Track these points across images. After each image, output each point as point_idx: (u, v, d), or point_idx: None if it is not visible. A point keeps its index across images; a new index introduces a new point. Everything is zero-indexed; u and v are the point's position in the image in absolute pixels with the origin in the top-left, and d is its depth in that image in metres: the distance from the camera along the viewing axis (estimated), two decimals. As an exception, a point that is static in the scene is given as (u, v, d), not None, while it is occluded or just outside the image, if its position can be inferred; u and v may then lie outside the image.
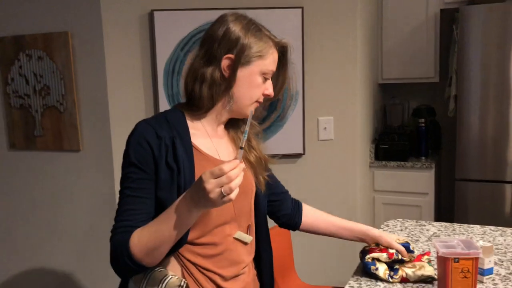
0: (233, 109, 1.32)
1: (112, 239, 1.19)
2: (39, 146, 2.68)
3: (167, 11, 2.52)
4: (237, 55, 1.26)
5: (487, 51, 2.86)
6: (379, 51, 3.41)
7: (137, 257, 1.14)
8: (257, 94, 1.31)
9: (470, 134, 2.96)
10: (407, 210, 3.22)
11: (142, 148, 1.22)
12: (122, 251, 1.15)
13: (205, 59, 1.28)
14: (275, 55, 1.32)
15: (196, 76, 1.27)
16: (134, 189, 1.21)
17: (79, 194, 2.68)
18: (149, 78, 2.60)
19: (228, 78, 1.27)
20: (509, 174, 2.90)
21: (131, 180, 1.22)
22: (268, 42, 1.30)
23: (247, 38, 1.27)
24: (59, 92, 2.59)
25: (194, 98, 1.29)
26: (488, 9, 2.84)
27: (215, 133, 1.35)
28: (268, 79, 1.33)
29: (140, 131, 1.24)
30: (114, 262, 1.18)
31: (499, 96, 2.86)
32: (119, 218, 1.21)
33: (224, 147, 1.36)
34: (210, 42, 1.28)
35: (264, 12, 2.57)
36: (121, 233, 1.17)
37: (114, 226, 1.20)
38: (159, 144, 1.22)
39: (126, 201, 1.21)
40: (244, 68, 1.27)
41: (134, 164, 1.21)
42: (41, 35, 2.57)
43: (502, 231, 1.88)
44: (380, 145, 3.29)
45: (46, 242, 2.78)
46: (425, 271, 1.46)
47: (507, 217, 2.94)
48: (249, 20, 1.32)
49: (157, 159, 1.21)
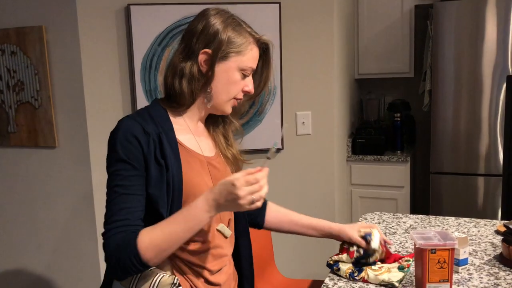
0: (212, 105, 1.31)
1: (110, 239, 1.14)
2: (13, 142, 2.63)
3: (144, 5, 2.50)
4: (214, 50, 1.25)
5: (460, 46, 2.92)
6: (355, 47, 3.45)
7: (146, 257, 1.12)
8: (235, 91, 1.30)
9: (444, 128, 3.02)
10: (384, 203, 3.28)
11: (130, 144, 1.18)
12: (128, 251, 1.11)
13: (184, 54, 1.27)
14: (254, 52, 1.31)
15: (175, 71, 1.27)
16: (126, 187, 1.17)
17: (55, 191, 2.63)
18: (126, 73, 2.57)
19: (205, 74, 1.26)
20: (481, 167, 2.98)
21: (122, 177, 1.18)
22: (248, 38, 1.29)
23: (225, 33, 1.25)
24: (34, 88, 2.54)
25: (175, 94, 1.28)
26: (461, 5, 2.90)
27: (196, 129, 1.35)
28: (247, 76, 1.32)
29: (126, 127, 1.20)
30: (114, 261, 1.13)
31: (471, 90, 2.93)
32: (114, 217, 1.15)
33: (205, 143, 1.37)
34: (190, 36, 1.28)
35: (242, 7, 2.56)
36: (121, 233, 1.14)
37: (110, 226, 1.15)
38: (147, 140, 1.20)
39: (120, 199, 1.17)
40: (221, 63, 1.26)
41: (123, 161, 1.18)
42: (14, 29, 2.52)
43: (476, 222, 1.93)
44: (357, 139, 3.33)
45: (21, 240, 2.73)
46: (390, 276, 1.43)
47: (479, 208, 3.02)
48: (230, 15, 1.31)
49: (147, 155, 1.19)
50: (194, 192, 1.23)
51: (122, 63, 2.56)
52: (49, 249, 2.70)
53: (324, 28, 2.76)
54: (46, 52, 2.49)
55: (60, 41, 2.49)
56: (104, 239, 1.15)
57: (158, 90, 2.57)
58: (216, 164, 1.35)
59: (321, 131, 2.84)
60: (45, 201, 2.66)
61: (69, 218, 2.64)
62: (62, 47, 2.50)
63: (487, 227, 1.87)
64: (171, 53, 2.54)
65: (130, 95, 2.58)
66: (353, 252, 1.51)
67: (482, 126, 2.94)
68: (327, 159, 2.87)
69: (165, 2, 2.52)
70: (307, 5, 2.72)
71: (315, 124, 2.82)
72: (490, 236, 1.76)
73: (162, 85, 1.33)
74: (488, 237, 1.75)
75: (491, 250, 1.63)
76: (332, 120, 2.85)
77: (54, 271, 2.72)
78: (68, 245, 2.67)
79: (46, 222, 2.68)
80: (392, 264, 1.51)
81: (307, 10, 2.73)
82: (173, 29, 2.53)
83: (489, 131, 2.92)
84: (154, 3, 2.51)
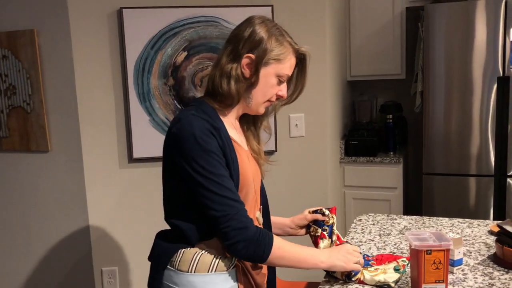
0: (249, 105, 1.43)
1: (251, 223, 1.31)
2: (5, 147, 2.61)
3: (136, 8, 2.49)
4: (257, 56, 1.37)
5: (451, 48, 2.94)
6: (348, 49, 3.47)
7: (269, 255, 1.33)
8: (270, 94, 1.43)
9: (436, 129, 3.05)
10: (377, 204, 3.29)
11: (210, 138, 1.30)
12: (266, 242, 1.32)
13: (230, 56, 1.39)
14: (292, 61, 1.44)
15: (222, 72, 1.38)
16: (227, 177, 1.32)
17: (47, 195, 2.62)
18: (118, 77, 2.56)
19: (249, 77, 1.38)
20: (473, 167, 3.00)
21: (222, 167, 1.31)
22: (288, 48, 1.41)
23: (269, 42, 1.38)
24: (26, 92, 2.53)
25: (222, 93, 1.38)
26: (452, 8, 2.92)
27: (236, 126, 1.49)
28: (283, 82, 1.45)
29: (199, 122, 1.31)
30: (253, 241, 1.30)
31: (463, 92, 2.95)
32: (239, 202, 1.32)
33: (243, 139, 1.52)
34: (237, 40, 1.39)
35: (234, 10, 2.57)
36: (252, 222, 1.33)
37: (239, 206, 1.30)
38: (219, 135, 1.32)
39: (231, 184, 1.32)
40: (262, 68, 1.38)
41: (213, 152, 1.29)
42: (5, 33, 2.50)
43: (469, 223, 1.94)
44: (350, 141, 3.35)
45: (13, 245, 2.71)
46: (386, 277, 1.43)
47: (471, 209, 3.04)
48: (274, 24, 1.43)
49: (222, 148, 1.32)
50: (247, 183, 1.40)
51: (115, 67, 2.55)
52: (41, 254, 2.68)
53: (316, 30, 2.78)
54: (38, 56, 2.48)
55: (52, 44, 2.48)
56: (235, 218, 1.29)
57: (151, 94, 2.56)
58: (250, 157, 1.51)
59: (314, 133, 2.85)
60: (37, 205, 2.64)
61: (61, 222, 2.63)
62: (54, 51, 2.49)
63: (481, 227, 1.88)
64: (164, 56, 2.54)
65: (123, 98, 2.57)
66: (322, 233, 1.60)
67: (473, 127, 2.96)
68: (320, 161, 2.88)
69: (157, 5, 2.52)
70: (300, 8, 2.73)
71: (308, 126, 2.83)
72: (483, 237, 1.78)
73: (208, 82, 1.43)
74: (481, 238, 1.77)
75: (485, 250, 1.65)
76: (325, 122, 2.86)
77: (46, 275, 2.70)
78: (61, 249, 2.65)
79: (38, 227, 2.66)
80: (388, 265, 1.52)
81: (300, 13, 2.74)
82: (166, 32, 2.52)
83: (481, 132, 2.94)
84: (147, 6, 2.51)
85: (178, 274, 1.38)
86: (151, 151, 2.59)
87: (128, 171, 2.62)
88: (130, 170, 2.62)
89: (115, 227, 2.65)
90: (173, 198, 1.42)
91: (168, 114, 2.59)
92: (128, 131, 2.58)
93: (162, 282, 1.41)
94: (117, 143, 2.59)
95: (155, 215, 2.62)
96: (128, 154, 2.61)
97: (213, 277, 1.37)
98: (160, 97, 2.58)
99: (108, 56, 2.54)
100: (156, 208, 2.63)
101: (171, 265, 1.40)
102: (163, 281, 1.41)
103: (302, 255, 1.39)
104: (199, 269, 1.37)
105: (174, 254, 1.40)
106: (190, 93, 2.59)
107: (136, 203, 2.66)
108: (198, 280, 1.36)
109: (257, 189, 1.52)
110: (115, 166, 2.60)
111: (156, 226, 1.60)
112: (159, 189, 1.39)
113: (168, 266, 1.40)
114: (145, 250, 2.55)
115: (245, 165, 1.42)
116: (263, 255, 1.32)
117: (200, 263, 1.37)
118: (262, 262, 1.35)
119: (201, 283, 1.36)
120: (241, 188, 1.39)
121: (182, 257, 1.38)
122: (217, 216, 1.29)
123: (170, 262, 1.40)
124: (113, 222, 2.64)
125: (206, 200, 1.30)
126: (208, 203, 1.30)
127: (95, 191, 2.59)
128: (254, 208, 1.49)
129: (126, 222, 2.66)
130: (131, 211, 2.66)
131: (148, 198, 2.64)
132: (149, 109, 2.57)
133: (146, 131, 2.58)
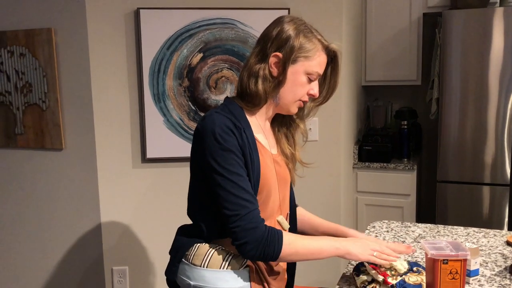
0: (279, 105, 1.42)
1: (261, 224, 1.29)
2: (20, 144, 2.63)
3: (153, 9, 2.50)
4: (285, 55, 1.34)
5: (468, 55, 2.91)
6: (363, 54, 3.45)
7: (280, 253, 1.30)
8: (300, 93, 1.40)
9: (451, 137, 3.01)
10: (389, 211, 3.26)
11: (230, 137, 1.29)
12: (275, 241, 1.29)
13: (259, 56, 1.38)
14: (322, 58, 1.40)
15: (250, 72, 1.37)
16: (243, 177, 1.30)
17: (61, 194, 2.63)
18: (134, 77, 2.57)
19: (277, 76, 1.36)
20: (487, 176, 2.96)
21: (239, 166, 1.29)
22: (317, 44, 1.38)
23: (297, 39, 1.35)
24: (42, 90, 2.54)
25: (250, 94, 1.37)
26: (470, 14, 2.89)
27: (264, 127, 1.46)
28: (313, 80, 1.41)
29: (221, 120, 1.30)
30: (262, 242, 1.28)
31: (479, 99, 2.92)
32: (252, 203, 1.29)
33: (271, 141, 1.48)
34: (265, 40, 1.38)
35: (251, 12, 2.56)
36: (263, 223, 1.30)
37: (251, 207, 1.28)
38: (240, 134, 1.31)
39: (247, 184, 1.30)
40: (290, 66, 1.36)
41: (231, 151, 1.28)
42: (23, 31, 2.52)
43: (485, 232, 1.91)
44: (363, 146, 3.32)
45: (26, 242, 2.72)
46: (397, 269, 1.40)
47: (485, 218, 3.00)
48: (303, 22, 1.41)
49: (242, 147, 1.30)
50: (268, 185, 1.38)
51: (131, 67, 2.56)
52: (54, 251, 2.70)
53: (333, 34, 2.76)
54: (55, 54, 2.49)
55: (69, 43, 2.50)
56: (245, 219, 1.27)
57: (166, 94, 2.56)
58: (279, 161, 1.47)
59: (328, 137, 2.83)
60: (51, 203, 2.65)
61: (74, 220, 2.64)
62: (71, 50, 2.50)
63: (497, 237, 1.85)
64: (179, 57, 2.54)
65: (138, 98, 2.57)
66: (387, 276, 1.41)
67: (489, 135, 2.92)
68: (334, 166, 2.86)
69: (174, 6, 2.52)
70: (316, 11, 2.72)
71: (322, 130, 2.81)
72: (500, 247, 1.75)
73: (237, 84, 1.43)
74: (498, 248, 1.74)
75: (501, 261, 1.62)
76: (339, 126, 2.84)
77: (59, 272, 2.71)
78: (73, 247, 2.66)
79: (51, 224, 2.67)
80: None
81: (316, 17, 2.72)
82: (183, 33, 2.53)
83: (496, 140, 2.91)
84: (164, 7, 2.51)
85: (192, 267, 1.39)
86: (165, 152, 2.59)
87: (141, 171, 2.62)
88: (143, 170, 2.62)
89: (126, 227, 2.66)
90: (194, 194, 1.43)
91: (182, 115, 2.59)
92: (142, 131, 2.58)
93: (177, 275, 1.43)
94: (130, 143, 2.60)
95: (167, 215, 2.62)
96: (142, 154, 2.61)
97: (224, 274, 1.37)
98: (175, 98, 2.58)
99: (124, 56, 2.54)
100: (167, 208, 2.63)
101: (186, 259, 1.41)
102: (178, 274, 1.43)
103: (316, 246, 1.37)
104: (212, 265, 1.37)
105: (190, 248, 1.41)
106: (204, 94, 2.59)
107: (148, 203, 2.66)
108: (209, 275, 1.36)
109: (283, 194, 1.49)
110: (128, 166, 2.61)
111: (167, 226, 1.61)
112: (172, 189, 1.39)
113: (183, 260, 1.42)
114: (156, 250, 2.56)
115: (267, 167, 1.40)
116: (273, 255, 1.31)
117: (213, 259, 1.37)
118: (274, 260, 1.33)
119: (213, 278, 1.36)
120: (260, 189, 1.37)
121: (196, 251, 1.40)
122: (229, 215, 1.29)
123: (185, 255, 1.42)
124: (125, 221, 2.65)
125: (219, 198, 1.30)
126: (221, 201, 1.30)
127: (108, 190, 2.60)
128: (276, 212, 1.46)
129: (138, 222, 2.66)
130: (143, 211, 2.66)
131: (160, 199, 2.64)
132: (163, 110, 2.57)
133: (160, 131, 2.58)
